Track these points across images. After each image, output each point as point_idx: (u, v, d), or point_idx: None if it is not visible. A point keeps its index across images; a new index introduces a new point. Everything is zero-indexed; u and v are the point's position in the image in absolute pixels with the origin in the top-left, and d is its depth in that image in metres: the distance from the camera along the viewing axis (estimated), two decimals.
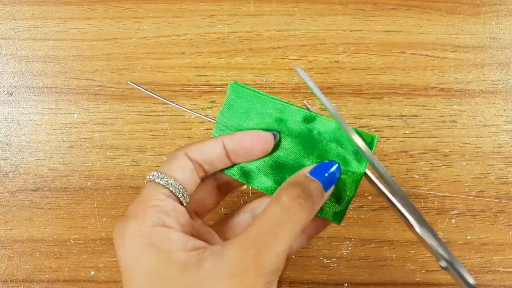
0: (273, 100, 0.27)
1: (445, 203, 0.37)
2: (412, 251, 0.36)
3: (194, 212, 0.27)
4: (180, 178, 0.25)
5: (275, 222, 0.21)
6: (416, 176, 0.38)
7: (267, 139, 0.26)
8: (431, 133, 0.39)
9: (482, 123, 0.39)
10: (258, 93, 0.27)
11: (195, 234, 0.24)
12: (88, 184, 0.38)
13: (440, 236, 0.22)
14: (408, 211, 0.24)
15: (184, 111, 0.38)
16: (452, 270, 0.22)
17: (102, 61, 0.40)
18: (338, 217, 0.26)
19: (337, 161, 0.26)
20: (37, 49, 0.41)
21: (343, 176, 0.26)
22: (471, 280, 0.21)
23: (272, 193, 0.27)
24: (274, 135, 0.27)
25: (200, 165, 0.26)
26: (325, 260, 0.36)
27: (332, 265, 0.36)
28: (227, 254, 0.21)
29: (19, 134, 0.39)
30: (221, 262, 0.21)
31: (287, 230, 0.21)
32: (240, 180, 0.27)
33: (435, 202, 0.37)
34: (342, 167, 0.26)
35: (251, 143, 0.26)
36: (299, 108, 0.27)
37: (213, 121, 0.28)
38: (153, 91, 0.40)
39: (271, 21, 0.41)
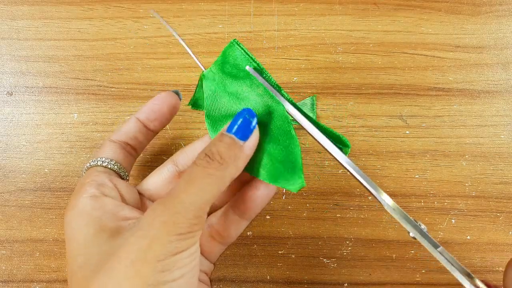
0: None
1: (445, 203, 0.37)
2: (412, 251, 0.36)
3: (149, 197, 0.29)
4: (108, 156, 0.27)
5: (184, 181, 0.22)
6: (416, 176, 0.38)
7: (172, 96, 0.29)
8: (431, 133, 0.39)
9: (482, 123, 0.39)
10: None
11: (138, 206, 0.27)
12: None
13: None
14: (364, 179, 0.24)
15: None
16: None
17: (102, 61, 0.40)
18: (268, 174, 0.25)
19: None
20: (37, 49, 0.41)
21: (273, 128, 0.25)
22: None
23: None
24: (177, 92, 0.30)
25: (127, 144, 0.28)
26: (325, 260, 0.36)
27: (332, 265, 0.36)
28: (143, 217, 0.22)
29: (19, 134, 0.39)
30: (136, 225, 0.22)
31: (197, 186, 0.21)
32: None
33: (435, 202, 0.37)
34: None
35: (159, 105, 0.29)
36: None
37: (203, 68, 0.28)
38: (153, 91, 0.40)
39: (271, 21, 0.41)
